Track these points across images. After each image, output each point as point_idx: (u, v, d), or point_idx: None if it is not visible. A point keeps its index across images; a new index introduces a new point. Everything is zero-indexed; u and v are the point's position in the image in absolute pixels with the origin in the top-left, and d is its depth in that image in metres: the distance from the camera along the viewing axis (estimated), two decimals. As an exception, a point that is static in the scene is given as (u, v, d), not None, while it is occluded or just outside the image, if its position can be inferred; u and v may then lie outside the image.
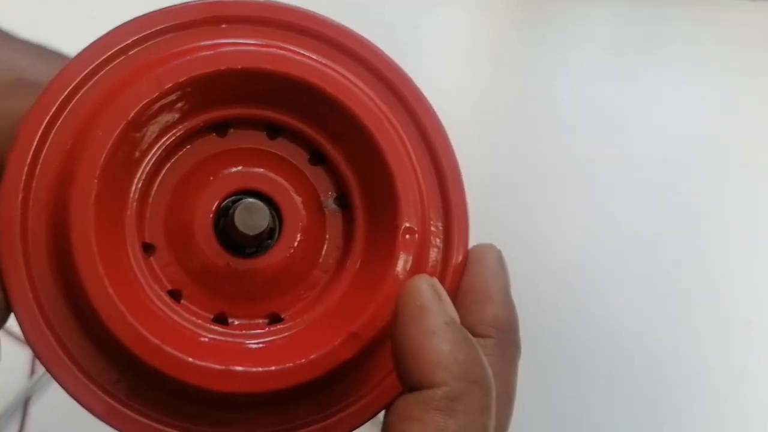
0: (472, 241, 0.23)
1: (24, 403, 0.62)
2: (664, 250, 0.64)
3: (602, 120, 0.67)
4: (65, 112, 0.21)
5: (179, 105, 0.21)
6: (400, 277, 0.20)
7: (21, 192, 0.20)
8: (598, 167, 0.65)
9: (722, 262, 0.63)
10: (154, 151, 0.21)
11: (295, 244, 0.22)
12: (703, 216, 0.64)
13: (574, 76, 0.68)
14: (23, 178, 0.20)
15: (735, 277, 0.63)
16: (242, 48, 0.21)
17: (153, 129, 0.21)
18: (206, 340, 0.20)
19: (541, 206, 0.65)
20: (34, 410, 0.62)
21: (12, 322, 0.67)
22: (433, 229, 0.22)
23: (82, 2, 0.53)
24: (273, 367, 0.19)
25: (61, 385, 0.21)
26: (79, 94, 0.21)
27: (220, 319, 0.21)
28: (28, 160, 0.20)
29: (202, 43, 0.21)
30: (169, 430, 0.21)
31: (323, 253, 0.22)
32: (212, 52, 0.21)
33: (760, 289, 0.63)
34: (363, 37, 0.22)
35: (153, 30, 0.21)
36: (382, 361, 0.21)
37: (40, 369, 0.62)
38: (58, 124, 0.21)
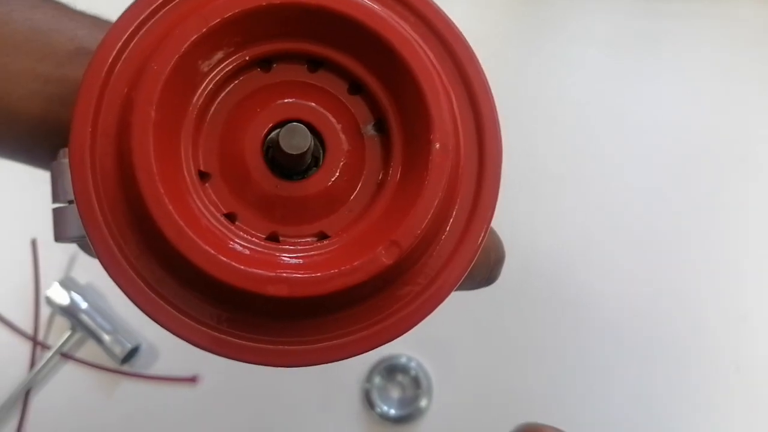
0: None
1: (24, 396, 0.62)
2: (660, 245, 0.65)
3: (601, 115, 0.68)
4: (125, 54, 0.22)
5: (226, 41, 0.23)
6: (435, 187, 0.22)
7: (90, 125, 0.22)
8: (597, 163, 0.67)
9: (718, 258, 0.65)
10: (204, 85, 0.23)
11: (338, 168, 0.23)
12: (700, 211, 0.66)
13: (573, 72, 0.70)
14: (91, 114, 0.22)
15: (731, 272, 0.65)
16: None
17: (203, 64, 0.23)
18: (258, 253, 0.22)
19: (540, 203, 0.66)
20: (35, 402, 0.62)
21: (9, 315, 0.66)
22: (465, 150, 0.23)
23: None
24: (319, 273, 0.21)
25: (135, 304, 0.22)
26: (136, 38, 0.22)
27: (273, 238, 0.23)
28: (95, 99, 0.22)
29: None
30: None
31: (364, 175, 0.24)
32: None
33: (756, 285, 0.65)
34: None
35: None
36: (417, 277, 0.23)
37: (41, 361, 0.62)
38: (117, 67, 0.22)
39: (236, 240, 0.22)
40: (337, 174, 0.23)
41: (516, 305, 0.64)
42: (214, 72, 0.23)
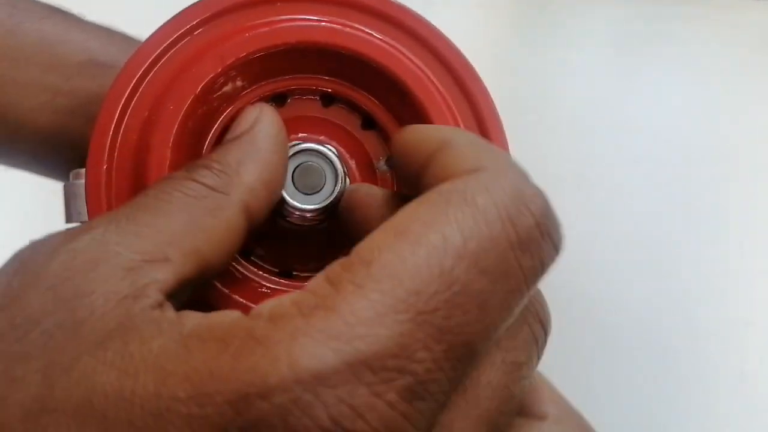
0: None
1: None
2: (663, 250, 0.64)
3: (602, 119, 0.68)
4: (140, 90, 0.22)
5: (241, 78, 0.23)
6: None
7: (105, 162, 0.22)
8: (598, 166, 0.66)
9: (722, 263, 0.64)
10: (220, 120, 0.23)
11: None
12: (703, 215, 0.65)
13: (574, 75, 0.69)
14: (106, 150, 0.22)
15: (735, 277, 0.64)
16: (295, 24, 0.23)
17: (219, 100, 0.23)
18: (267, 290, 0.22)
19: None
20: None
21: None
22: None
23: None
24: None
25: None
26: (152, 73, 0.22)
27: (286, 273, 0.23)
28: (110, 134, 0.22)
29: (259, 21, 0.23)
30: None
31: None
32: (268, 28, 0.23)
33: (761, 290, 0.64)
34: (411, 10, 0.23)
35: (215, 11, 0.23)
36: None
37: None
38: (134, 101, 0.22)
39: (251, 276, 0.22)
40: None
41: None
42: (230, 107, 0.23)
